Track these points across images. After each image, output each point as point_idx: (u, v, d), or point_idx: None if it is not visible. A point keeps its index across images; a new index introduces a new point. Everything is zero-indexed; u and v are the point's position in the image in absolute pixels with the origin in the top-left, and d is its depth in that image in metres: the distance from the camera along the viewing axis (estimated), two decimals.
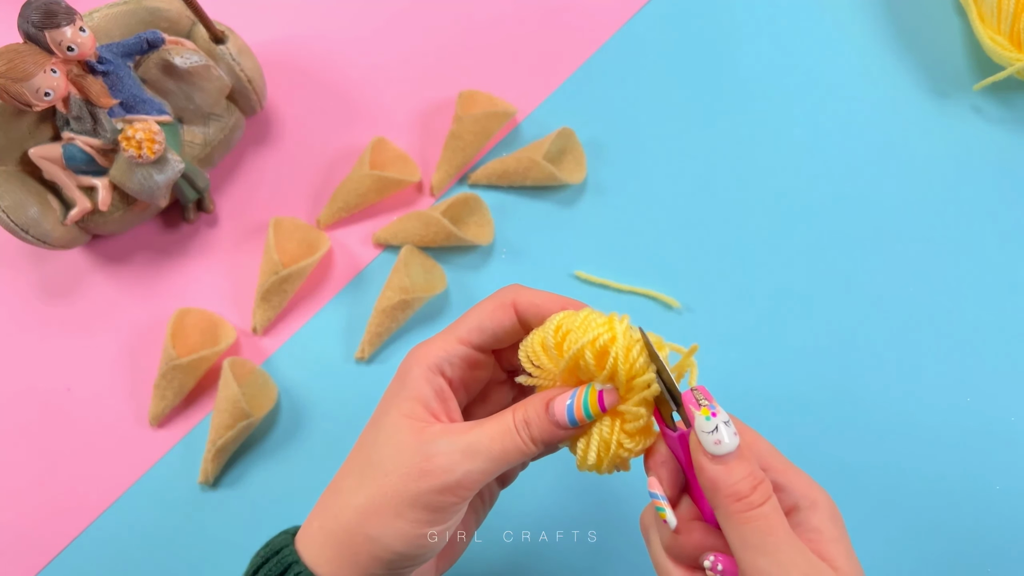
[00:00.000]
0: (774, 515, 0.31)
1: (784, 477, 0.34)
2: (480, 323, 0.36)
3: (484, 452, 0.33)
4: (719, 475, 0.31)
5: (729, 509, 0.31)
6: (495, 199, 0.59)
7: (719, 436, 0.31)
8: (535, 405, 0.34)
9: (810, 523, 0.33)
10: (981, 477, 0.52)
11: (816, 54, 0.62)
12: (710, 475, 0.31)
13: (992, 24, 0.58)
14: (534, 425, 0.34)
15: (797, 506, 0.34)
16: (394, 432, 0.34)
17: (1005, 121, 0.60)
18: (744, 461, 0.31)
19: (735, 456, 0.31)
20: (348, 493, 0.35)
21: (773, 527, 0.31)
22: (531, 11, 0.63)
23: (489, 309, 0.36)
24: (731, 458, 0.31)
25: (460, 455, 0.33)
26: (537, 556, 0.51)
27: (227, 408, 0.51)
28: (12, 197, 0.50)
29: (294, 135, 0.61)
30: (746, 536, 0.31)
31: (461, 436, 0.34)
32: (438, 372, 0.35)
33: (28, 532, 0.53)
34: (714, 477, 0.31)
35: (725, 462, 0.31)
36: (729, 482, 0.31)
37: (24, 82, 0.47)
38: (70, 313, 0.57)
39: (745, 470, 0.31)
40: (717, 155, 0.60)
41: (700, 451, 0.32)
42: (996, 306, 0.56)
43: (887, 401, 0.54)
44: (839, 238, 0.57)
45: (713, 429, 0.31)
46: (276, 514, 0.53)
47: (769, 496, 0.31)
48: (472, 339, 0.36)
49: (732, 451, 0.31)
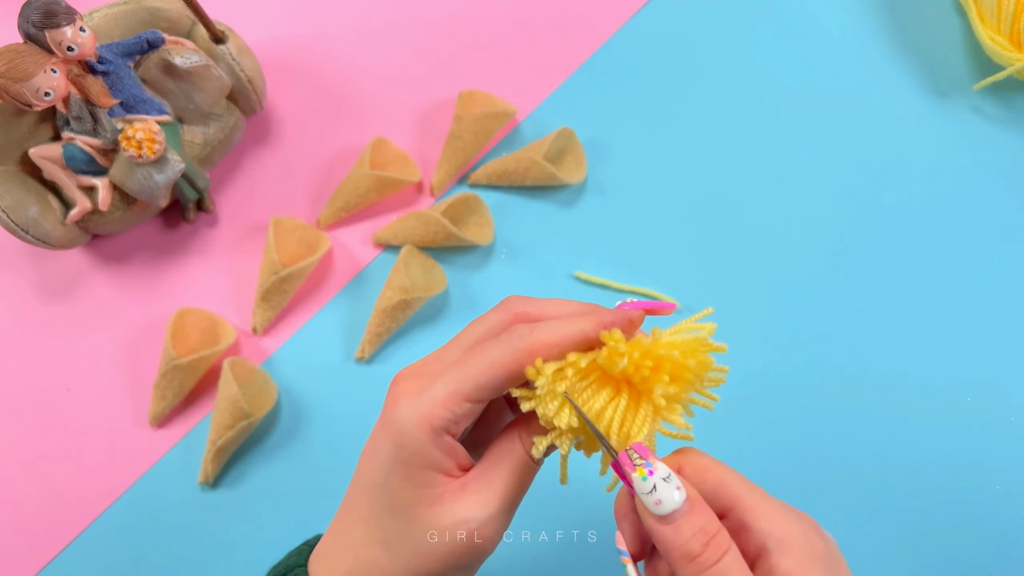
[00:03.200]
0: (733, 571, 0.29)
1: (751, 515, 0.31)
2: (493, 380, 0.32)
3: (516, 499, 0.33)
4: (666, 535, 0.29)
5: (684, 570, 0.29)
6: (495, 199, 0.59)
7: (658, 496, 0.29)
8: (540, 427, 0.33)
9: (779, 568, 0.30)
10: (981, 477, 0.52)
11: (816, 54, 0.62)
12: (658, 536, 0.30)
13: (992, 24, 0.58)
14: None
15: (765, 547, 0.30)
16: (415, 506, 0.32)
17: (1005, 121, 0.60)
18: (693, 516, 0.29)
19: (682, 512, 0.29)
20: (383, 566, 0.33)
21: None
22: (531, 11, 0.63)
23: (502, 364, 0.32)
24: (677, 515, 0.29)
25: (502, 517, 0.33)
26: (537, 556, 0.51)
27: (227, 408, 0.51)
28: (12, 197, 0.50)
29: (294, 135, 0.61)
30: None
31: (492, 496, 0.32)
32: (444, 433, 0.32)
33: (28, 532, 0.53)
34: (663, 538, 0.30)
35: (671, 520, 0.29)
36: (678, 542, 0.29)
37: (24, 82, 0.47)
38: (70, 313, 0.57)
39: (694, 527, 0.29)
40: (717, 155, 0.60)
41: (645, 513, 0.30)
42: (996, 306, 0.56)
43: (887, 401, 0.54)
44: (839, 238, 0.57)
45: (651, 489, 0.29)
46: (276, 514, 0.53)
47: (725, 551, 0.29)
48: (481, 396, 0.32)
49: (677, 508, 0.29)
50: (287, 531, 0.38)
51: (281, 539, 0.38)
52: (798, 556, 0.29)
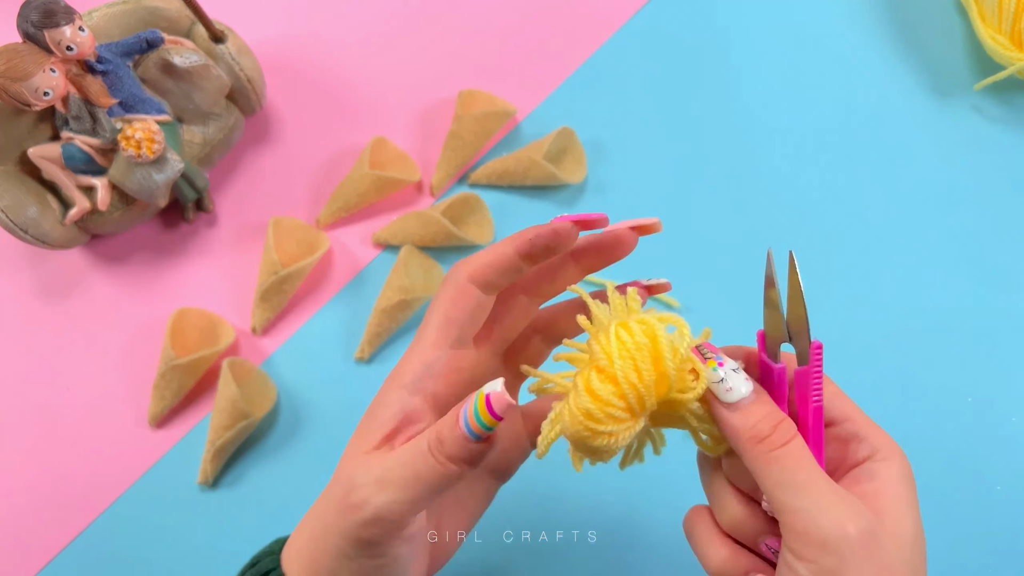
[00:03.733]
0: (800, 452, 0.30)
1: (864, 429, 0.33)
2: (446, 317, 0.33)
3: (396, 480, 0.30)
4: (737, 421, 0.31)
5: (753, 453, 0.30)
6: (495, 199, 0.59)
7: (729, 384, 0.31)
8: (448, 419, 0.31)
9: (876, 473, 0.31)
10: (982, 478, 0.52)
11: (816, 54, 0.62)
12: (729, 423, 0.31)
13: (993, 24, 0.58)
14: (447, 442, 0.30)
15: (874, 457, 0.32)
16: (343, 460, 0.33)
17: (1005, 121, 0.60)
18: (760, 404, 0.31)
19: (750, 400, 0.31)
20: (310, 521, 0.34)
21: (801, 464, 0.30)
22: (531, 11, 0.63)
23: (448, 299, 0.33)
24: (745, 403, 0.31)
25: (374, 486, 0.31)
26: (537, 556, 0.51)
27: (226, 408, 0.51)
28: (11, 197, 0.50)
29: (294, 135, 0.61)
30: (774, 476, 0.30)
31: (377, 464, 0.31)
32: (416, 392, 0.32)
33: (28, 532, 0.53)
34: (732, 424, 0.31)
35: (740, 408, 0.31)
36: (748, 425, 0.30)
37: (23, 81, 0.46)
38: (69, 313, 0.57)
39: (762, 412, 0.31)
40: (717, 155, 0.59)
41: (716, 403, 0.31)
42: (997, 306, 0.56)
43: (887, 401, 0.54)
44: (840, 238, 0.57)
45: (721, 379, 0.31)
46: (276, 514, 0.53)
47: (792, 435, 0.30)
48: (445, 339, 0.33)
49: (746, 396, 0.31)
50: (287, 531, 0.38)
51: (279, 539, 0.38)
52: (895, 470, 0.32)
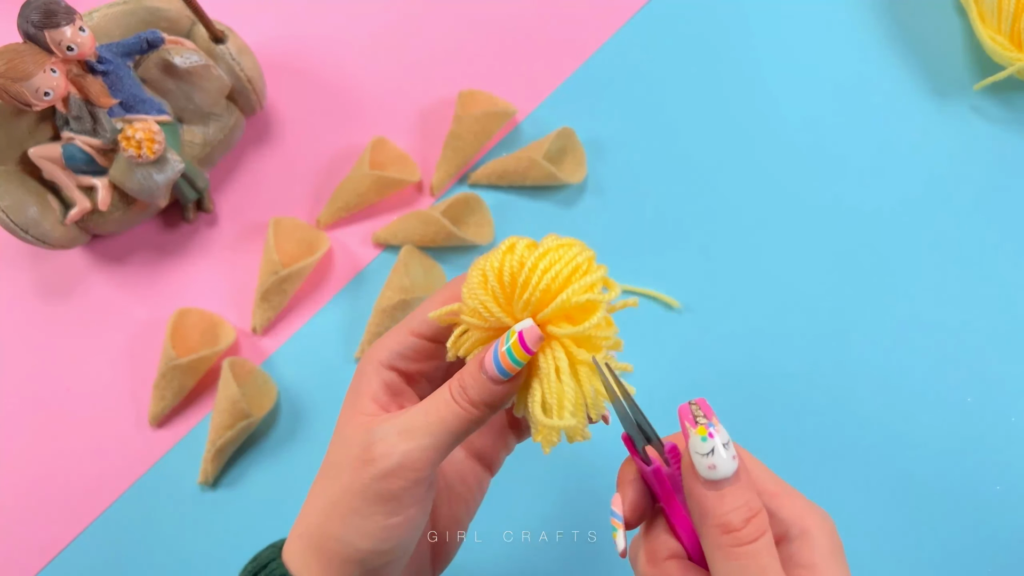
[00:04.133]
0: (765, 554, 0.28)
1: (776, 502, 0.31)
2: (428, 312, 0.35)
3: (421, 427, 0.32)
4: (710, 503, 0.28)
5: (717, 541, 0.28)
6: (495, 199, 0.59)
7: (715, 460, 0.28)
8: (470, 366, 0.32)
9: (802, 557, 0.30)
10: (981, 478, 0.52)
11: (816, 54, 0.62)
12: (700, 501, 0.29)
13: (992, 24, 0.58)
14: (471, 387, 0.32)
15: (788, 535, 0.31)
16: (345, 430, 0.34)
17: (1005, 121, 0.60)
18: (740, 489, 0.28)
19: (731, 482, 0.28)
20: (313, 497, 0.34)
21: (763, 568, 0.28)
22: (531, 11, 0.63)
23: (439, 299, 0.34)
24: (725, 484, 0.28)
25: (397, 436, 0.32)
26: (537, 556, 0.51)
27: (227, 408, 0.51)
28: (12, 197, 0.50)
29: (294, 135, 0.61)
30: (731, 573, 0.28)
31: (398, 418, 0.33)
32: (388, 367, 0.35)
33: (28, 532, 0.53)
34: (704, 504, 0.29)
35: (718, 488, 0.28)
36: (720, 511, 0.28)
37: (24, 82, 0.47)
38: (70, 313, 0.57)
39: (740, 499, 0.28)
40: (717, 155, 0.59)
41: (692, 474, 0.29)
42: (996, 306, 0.56)
43: (887, 401, 0.54)
44: (839, 238, 0.57)
45: (709, 451, 0.28)
46: (276, 514, 0.53)
47: (763, 531, 0.28)
48: (424, 331, 0.35)
49: (728, 476, 0.28)
50: (287, 531, 0.38)
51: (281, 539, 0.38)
52: (819, 547, 0.30)
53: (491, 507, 0.53)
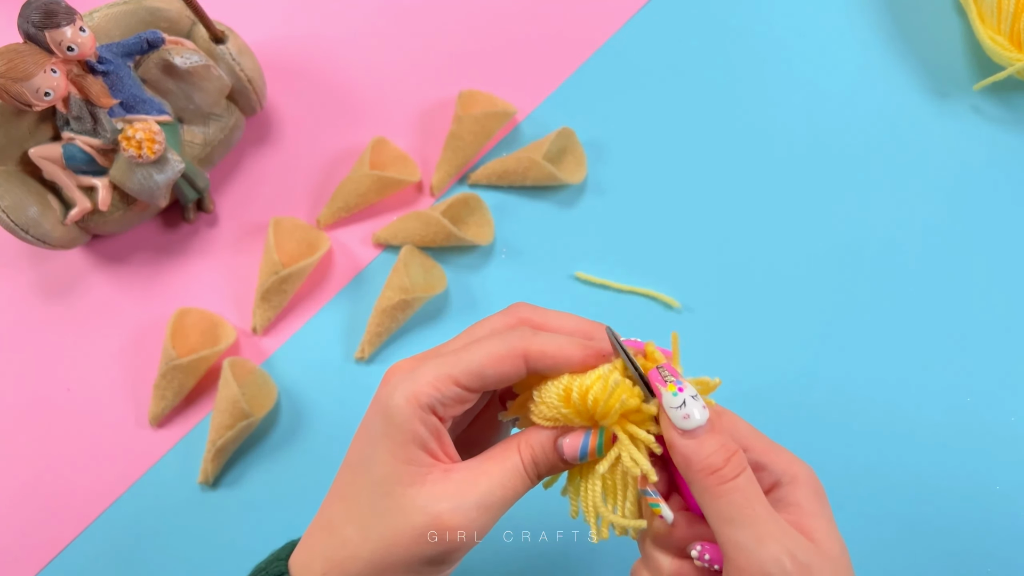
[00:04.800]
0: (749, 487, 0.31)
1: (764, 456, 0.34)
2: (482, 369, 0.32)
3: (498, 502, 0.32)
4: (690, 449, 0.31)
5: (703, 483, 0.31)
6: (495, 199, 0.59)
7: (687, 410, 0.31)
8: (543, 444, 0.33)
9: (790, 498, 0.33)
10: (981, 477, 0.52)
11: (816, 54, 0.62)
12: (681, 450, 0.31)
13: (992, 24, 0.58)
14: (543, 464, 0.34)
15: (778, 482, 0.34)
16: (395, 481, 0.32)
17: (1005, 121, 0.60)
18: (715, 434, 0.31)
19: (705, 429, 0.31)
20: (354, 544, 0.33)
21: (749, 499, 0.30)
22: (531, 11, 0.63)
23: (495, 356, 0.32)
24: (701, 431, 0.31)
25: (475, 512, 0.32)
26: (537, 556, 0.51)
27: (227, 408, 0.51)
28: (12, 197, 0.50)
29: (294, 135, 0.61)
30: (722, 509, 0.30)
31: (471, 490, 0.32)
32: (431, 412, 0.32)
33: (28, 532, 0.53)
34: (685, 452, 0.31)
35: (695, 436, 0.31)
36: (701, 455, 0.31)
37: (24, 82, 0.47)
38: (70, 313, 0.57)
39: (716, 442, 0.31)
40: (717, 155, 0.60)
41: (670, 427, 0.32)
42: (996, 306, 0.56)
43: (887, 401, 0.54)
44: (839, 238, 0.57)
45: (680, 404, 0.31)
46: (276, 514, 0.53)
47: (743, 468, 0.31)
48: (469, 384, 0.33)
49: (702, 424, 0.31)
50: (287, 531, 0.38)
51: (281, 539, 0.38)
52: (806, 489, 0.33)
53: None
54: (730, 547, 0.30)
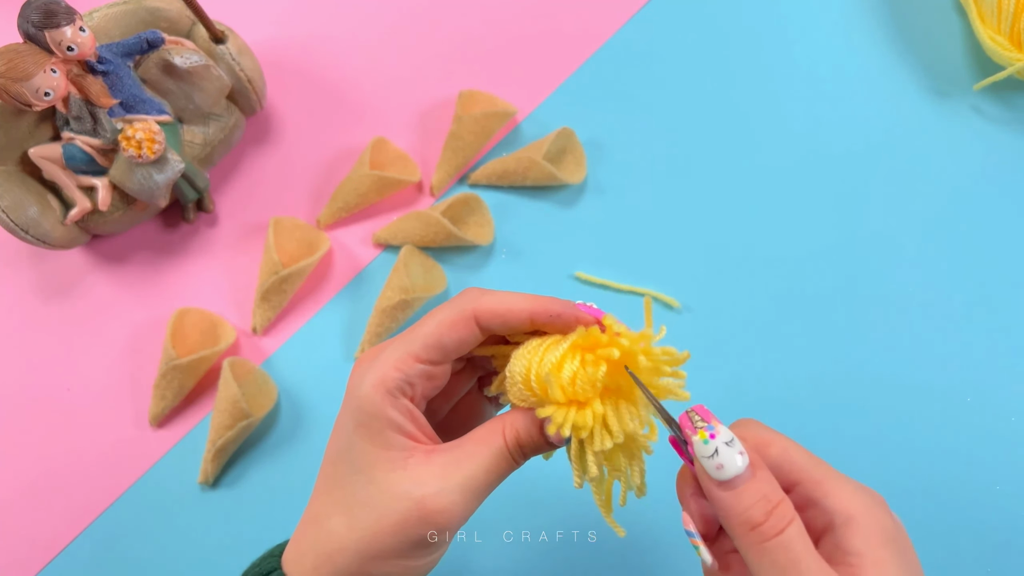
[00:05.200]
0: (797, 543, 0.28)
1: (818, 490, 0.30)
2: (439, 339, 0.32)
3: (482, 485, 0.32)
4: (727, 502, 0.29)
5: (744, 540, 0.28)
6: (495, 199, 0.59)
7: (720, 460, 0.29)
8: (527, 426, 0.32)
9: (847, 544, 0.29)
10: (981, 477, 0.52)
11: (816, 54, 0.62)
12: (718, 503, 0.29)
13: (992, 24, 0.58)
14: (528, 445, 0.32)
15: (833, 524, 0.30)
16: (376, 468, 0.32)
17: (1005, 121, 0.60)
18: (755, 483, 0.28)
19: (744, 479, 0.28)
20: (341, 535, 0.33)
21: (794, 559, 0.27)
22: (531, 11, 0.63)
23: (448, 323, 0.32)
24: (739, 482, 0.28)
25: (459, 494, 0.31)
26: (537, 556, 0.51)
27: (227, 408, 0.51)
28: (12, 197, 0.50)
29: (294, 135, 0.61)
30: (764, 569, 0.28)
31: (454, 472, 0.31)
32: (400, 394, 0.32)
33: (28, 532, 0.53)
34: (723, 505, 0.29)
35: (733, 487, 0.28)
36: (739, 510, 0.28)
37: (24, 82, 0.47)
38: (70, 313, 0.57)
39: (756, 495, 0.28)
40: (717, 155, 0.60)
41: (705, 477, 0.29)
42: (996, 306, 0.56)
43: (887, 401, 0.54)
44: (839, 238, 0.57)
45: (713, 453, 0.29)
46: (276, 514, 0.53)
47: (789, 522, 0.28)
48: (430, 357, 0.33)
49: (740, 474, 0.28)
50: (287, 531, 0.38)
51: (280, 539, 0.38)
52: (867, 534, 0.29)
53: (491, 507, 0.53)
54: None
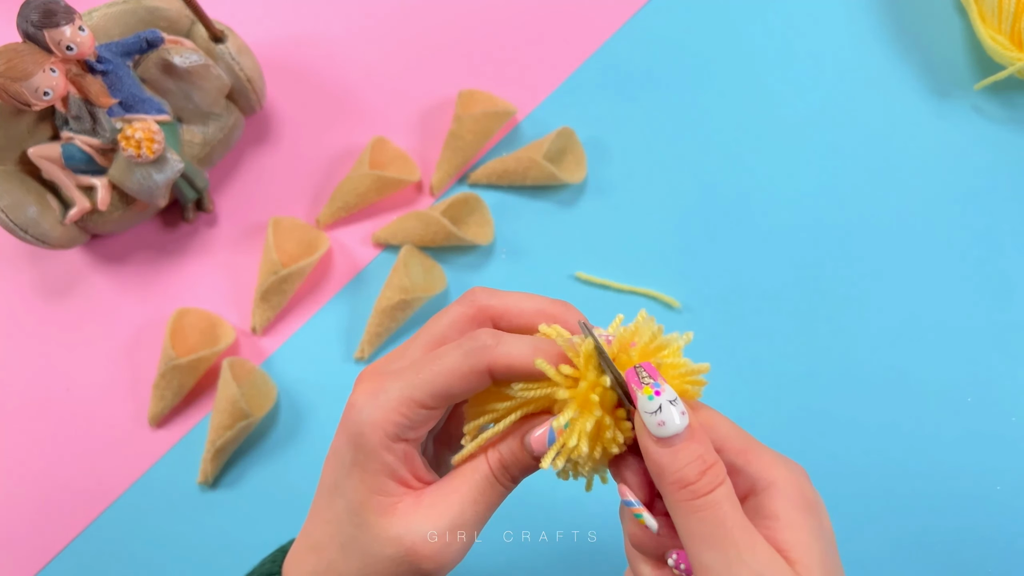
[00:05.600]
0: (725, 503, 0.28)
1: (741, 458, 0.31)
2: (448, 389, 0.31)
3: (472, 520, 0.31)
4: (663, 459, 0.29)
5: (675, 497, 0.28)
6: (495, 199, 0.59)
7: (663, 416, 0.28)
8: (510, 446, 0.32)
9: (767, 508, 0.30)
10: (982, 478, 0.52)
11: (816, 54, 0.62)
12: (655, 459, 0.29)
13: (993, 23, 0.58)
14: (514, 466, 0.32)
15: (754, 489, 0.30)
16: (368, 511, 0.31)
17: (1006, 121, 0.60)
18: (692, 443, 0.29)
19: (682, 438, 0.29)
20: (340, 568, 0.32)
21: (722, 518, 0.28)
22: (531, 10, 0.63)
23: (460, 374, 0.31)
24: (677, 440, 0.29)
25: (450, 535, 0.31)
26: (537, 556, 0.51)
27: (226, 408, 0.51)
28: (11, 197, 0.50)
29: (294, 135, 0.61)
30: (693, 527, 0.28)
31: (443, 513, 0.31)
32: (398, 439, 0.31)
33: (28, 532, 0.53)
34: (659, 461, 0.29)
35: (671, 444, 0.29)
36: (674, 467, 0.28)
37: (23, 81, 0.46)
38: (69, 313, 0.57)
39: (693, 453, 0.28)
40: (717, 154, 0.59)
41: (644, 433, 0.29)
42: (997, 306, 0.56)
43: (887, 401, 0.54)
44: (839, 238, 0.57)
45: (656, 409, 0.29)
46: (276, 514, 0.53)
47: (720, 482, 0.28)
48: (436, 404, 0.31)
49: (679, 432, 0.29)
50: (286, 531, 0.38)
51: (280, 539, 0.38)
52: (784, 497, 0.30)
53: None
54: (699, 569, 0.28)
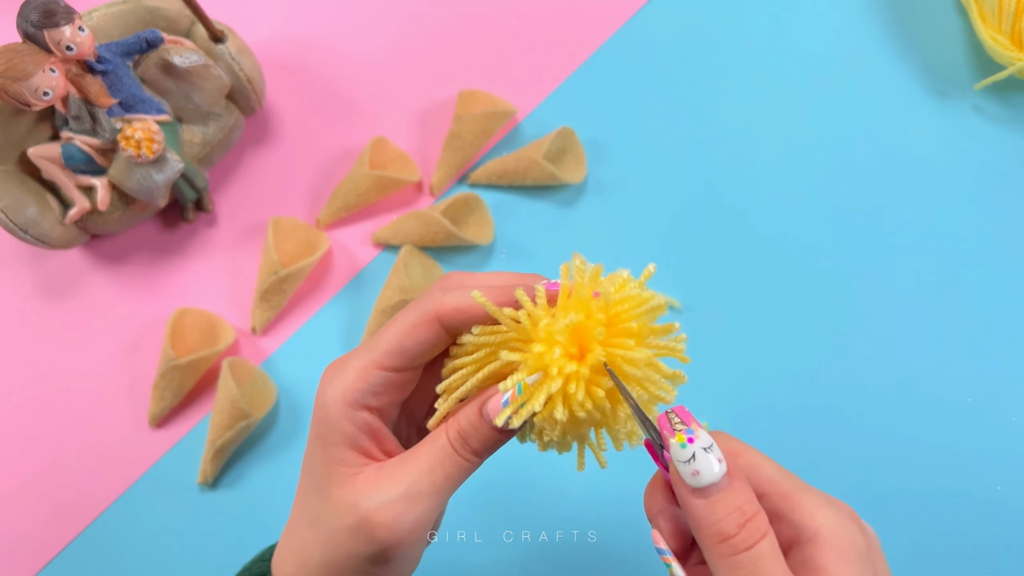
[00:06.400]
0: (767, 559, 0.27)
1: (786, 503, 0.29)
2: (400, 345, 0.31)
3: (426, 489, 0.30)
4: (700, 511, 0.27)
5: (713, 551, 0.27)
6: (495, 199, 0.59)
7: (697, 465, 0.27)
8: (468, 415, 0.30)
9: (814, 561, 0.28)
10: (982, 478, 0.52)
11: (817, 54, 0.62)
12: (690, 510, 0.28)
13: (993, 24, 0.58)
14: (473, 437, 0.30)
15: (799, 539, 0.28)
16: (330, 483, 0.31)
17: (1006, 120, 0.60)
18: (731, 492, 0.27)
19: (720, 487, 0.27)
20: (311, 546, 0.32)
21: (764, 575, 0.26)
22: (531, 10, 0.63)
23: (409, 327, 0.31)
24: (714, 490, 0.27)
25: (402, 504, 0.30)
26: (537, 556, 0.51)
27: (226, 408, 0.51)
28: (11, 197, 0.50)
29: (294, 135, 0.61)
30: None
31: (397, 481, 0.30)
32: (361, 407, 0.31)
33: (27, 532, 0.53)
34: (695, 513, 0.27)
35: (707, 495, 0.27)
36: (712, 520, 0.27)
37: (23, 81, 0.46)
38: (69, 313, 0.57)
39: (730, 505, 0.27)
40: (717, 154, 0.59)
41: (679, 483, 0.28)
42: (997, 306, 0.56)
43: (887, 402, 0.54)
44: (839, 238, 0.57)
45: (690, 457, 0.27)
46: (275, 514, 0.52)
47: (761, 536, 0.27)
48: (393, 364, 0.31)
49: (716, 482, 0.27)
50: None
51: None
52: (835, 551, 0.28)
53: (491, 507, 0.53)
54: None
